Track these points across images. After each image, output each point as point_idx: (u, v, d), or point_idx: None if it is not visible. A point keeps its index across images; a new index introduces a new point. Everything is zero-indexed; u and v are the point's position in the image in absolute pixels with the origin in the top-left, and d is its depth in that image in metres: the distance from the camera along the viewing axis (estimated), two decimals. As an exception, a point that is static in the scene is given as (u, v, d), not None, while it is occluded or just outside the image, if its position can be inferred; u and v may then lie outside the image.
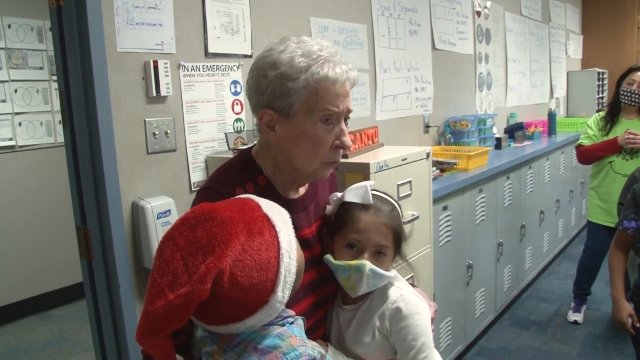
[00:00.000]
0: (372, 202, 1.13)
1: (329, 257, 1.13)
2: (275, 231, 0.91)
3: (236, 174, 1.11)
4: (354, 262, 1.09)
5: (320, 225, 1.20)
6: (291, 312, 0.98)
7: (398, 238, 1.15)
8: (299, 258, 0.96)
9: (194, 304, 0.80)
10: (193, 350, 1.02)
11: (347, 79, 1.04)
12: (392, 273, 1.14)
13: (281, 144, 1.06)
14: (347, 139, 1.07)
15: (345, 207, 1.15)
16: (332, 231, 1.16)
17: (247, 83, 1.08)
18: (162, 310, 0.79)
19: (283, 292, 0.89)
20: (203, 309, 0.85)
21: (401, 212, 1.20)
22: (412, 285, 1.22)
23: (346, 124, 1.09)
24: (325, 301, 1.18)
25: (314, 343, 0.96)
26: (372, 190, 1.16)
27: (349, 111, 1.07)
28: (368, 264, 1.08)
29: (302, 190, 1.17)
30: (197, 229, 0.84)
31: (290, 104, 1.02)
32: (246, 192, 1.02)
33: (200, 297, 0.79)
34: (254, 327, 0.90)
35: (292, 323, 0.96)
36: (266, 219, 0.91)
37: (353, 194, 1.15)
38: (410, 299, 1.12)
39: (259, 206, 0.93)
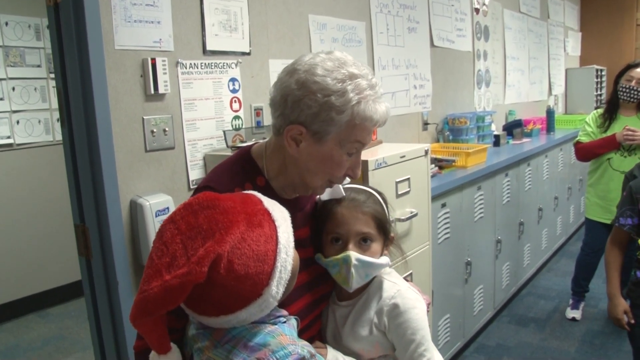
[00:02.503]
0: (343, 194, 1.14)
1: (319, 255, 1.14)
2: (275, 226, 0.92)
3: (235, 174, 1.11)
4: (339, 256, 1.10)
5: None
6: (284, 312, 0.98)
7: (380, 223, 1.14)
8: (295, 259, 0.96)
9: (190, 286, 0.80)
10: (185, 347, 1.03)
11: (384, 120, 1.06)
12: (384, 260, 1.13)
13: (300, 158, 1.06)
14: (359, 171, 1.11)
15: (322, 206, 1.17)
16: (318, 231, 1.17)
17: (283, 87, 1.03)
18: (158, 290, 0.80)
19: (277, 287, 0.90)
20: (197, 296, 0.86)
21: (383, 199, 1.20)
22: (406, 279, 1.22)
23: None
24: (321, 300, 1.18)
25: (305, 342, 0.96)
26: (347, 184, 1.18)
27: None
28: (353, 254, 1.09)
29: None
30: (199, 215, 0.86)
31: (327, 132, 1.02)
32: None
33: (197, 279, 0.80)
34: (246, 322, 0.90)
35: (284, 322, 0.96)
36: (267, 213, 0.93)
37: (325, 192, 1.16)
38: (407, 293, 1.12)
39: (260, 201, 0.95)
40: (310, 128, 1.02)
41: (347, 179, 1.19)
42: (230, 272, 0.84)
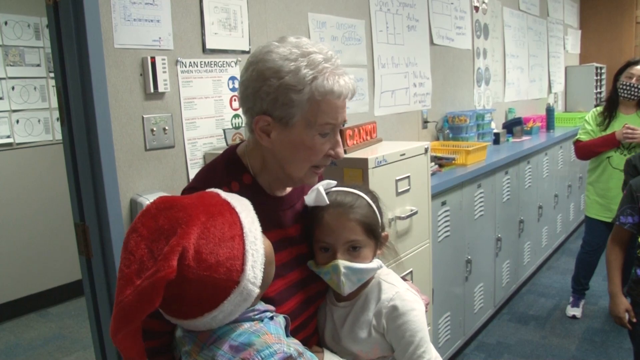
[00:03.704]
0: (327, 202, 1.11)
1: (311, 262, 1.14)
2: (237, 212, 0.92)
3: (221, 173, 1.10)
4: (328, 265, 1.10)
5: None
6: (270, 307, 0.98)
7: (369, 227, 1.12)
8: (267, 243, 0.96)
9: (162, 284, 0.80)
10: (175, 350, 1.03)
11: (350, 92, 1.04)
12: (375, 264, 1.12)
13: (275, 149, 1.05)
14: (341, 150, 1.09)
15: (310, 212, 1.15)
16: (309, 238, 1.16)
17: (242, 82, 1.05)
18: (132, 297, 0.80)
19: (254, 271, 0.89)
20: (176, 298, 0.85)
21: (374, 198, 1.18)
22: (404, 279, 1.22)
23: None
24: (315, 298, 1.17)
25: (295, 341, 0.96)
26: (333, 187, 1.16)
27: (344, 122, 1.08)
28: (341, 263, 1.08)
29: (288, 189, 1.17)
30: (159, 217, 0.86)
31: (291, 115, 1.00)
32: (231, 191, 1.01)
33: (167, 275, 0.80)
34: (233, 315, 0.90)
35: (271, 318, 0.95)
36: (226, 203, 0.93)
37: (309, 199, 1.14)
38: (406, 295, 1.12)
39: (218, 194, 0.95)
40: (274, 115, 1.01)
41: (334, 182, 1.18)
42: (200, 263, 0.83)
